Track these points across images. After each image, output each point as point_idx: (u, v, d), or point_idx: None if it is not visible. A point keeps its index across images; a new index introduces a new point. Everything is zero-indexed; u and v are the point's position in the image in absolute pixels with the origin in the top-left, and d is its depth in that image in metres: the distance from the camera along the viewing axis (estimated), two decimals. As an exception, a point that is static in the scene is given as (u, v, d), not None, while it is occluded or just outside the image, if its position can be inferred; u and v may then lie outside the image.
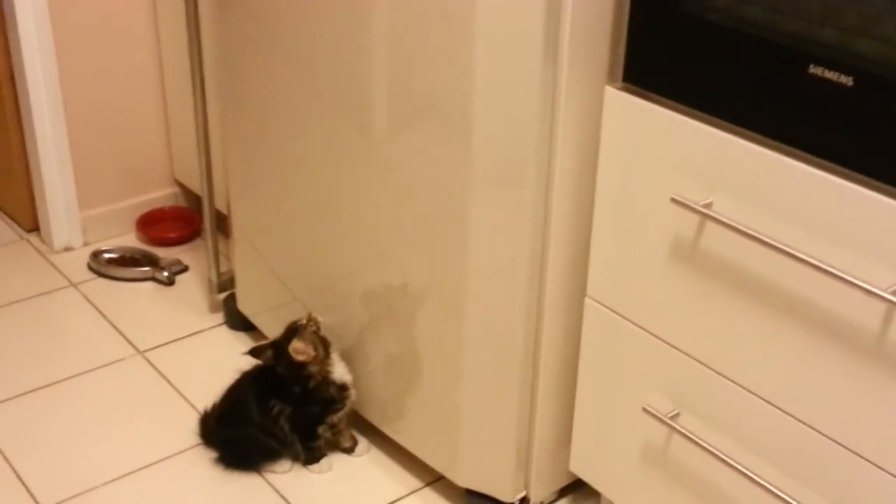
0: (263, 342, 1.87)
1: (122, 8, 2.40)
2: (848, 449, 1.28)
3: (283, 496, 1.82)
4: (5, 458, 1.89)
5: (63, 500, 1.80)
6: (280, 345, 1.81)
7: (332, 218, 1.80)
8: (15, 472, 1.86)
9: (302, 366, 1.79)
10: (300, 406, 1.82)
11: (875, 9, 1.13)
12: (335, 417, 1.85)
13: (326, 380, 1.81)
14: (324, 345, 1.82)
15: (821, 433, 1.31)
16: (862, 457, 1.27)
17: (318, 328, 1.81)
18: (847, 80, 1.16)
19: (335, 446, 1.90)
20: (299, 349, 1.77)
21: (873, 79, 1.14)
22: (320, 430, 1.85)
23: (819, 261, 1.22)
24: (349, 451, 1.91)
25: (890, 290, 1.17)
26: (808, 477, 1.34)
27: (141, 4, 2.43)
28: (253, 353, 1.84)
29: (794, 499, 1.35)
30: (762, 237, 1.27)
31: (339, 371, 1.83)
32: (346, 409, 1.85)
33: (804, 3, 1.19)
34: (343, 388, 1.83)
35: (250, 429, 1.84)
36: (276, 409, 1.82)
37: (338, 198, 1.77)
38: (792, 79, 1.21)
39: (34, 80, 2.34)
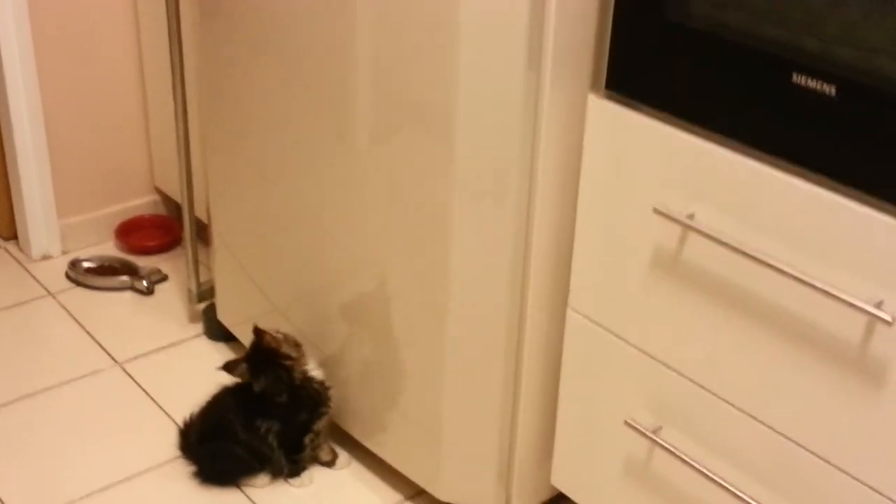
0: (237, 357, 1.86)
1: (103, 14, 2.40)
2: (830, 463, 1.28)
3: (261, 510, 1.82)
4: (-22, 470, 1.88)
5: (38, 514, 1.79)
6: (253, 356, 1.81)
7: (313, 227, 1.80)
8: (-13, 482, 1.85)
9: (280, 363, 1.78)
10: (288, 418, 1.81)
11: (855, 17, 1.13)
12: (320, 424, 1.84)
13: (307, 376, 1.81)
14: (294, 340, 1.83)
15: (804, 447, 1.31)
16: (844, 471, 1.27)
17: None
18: (830, 89, 1.16)
19: (314, 460, 1.89)
20: (270, 329, 1.79)
21: (857, 87, 1.14)
22: (307, 439, 1.84)
23: (802, 273, 1.22)
24: (329, 464, 1.90)
25: (872, 302, 1.17)
26: (791, 492, 1.34)
27: (122, 11, 2.43)
28: (227, 368, 1.83)
29: (777, 514, 1.35)
30: (745, 249, 1.27)
31: (315, 369, 1.83)
32: (330, 412, 1.84)
33: (785, 11, 1.19)
34: (324, 385, 1.82)
35: (233, 446, 1.83)
36: (264, 428, 1.81)
37: (319, 207, 1.76)
38: (775, 87, 1.21)
39: (13, 86, 2.33)
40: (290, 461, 1.85)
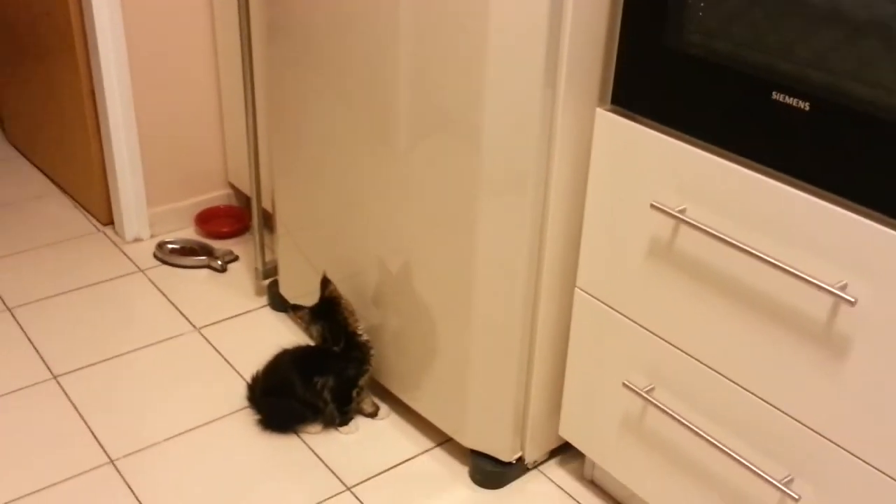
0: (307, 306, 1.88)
1: (187, 37, 2.40)
2: (799, 422, 1.28)
3: (315, 453, 1.82)
4: (81, 417, 1.89)
5: (129, 453, 1.80)
6: (317, 306, 1.83)
7: (361, 217, 1.79)
8: (89, 428, 1.86)
9: (339, 311, 1.80)
10: (339, 373, 1.81)
11: (825, 45, 1.12)
12: (364, 380, 1.85)
13: (356, 332, 1.81)
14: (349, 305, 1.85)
15: (776, 408, 1.30)
16: (811, 428, 1.26)
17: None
18: (804, 105, 1.15)
19: (359, 412, 1.90)
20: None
21: (826, 105, 1.13)
22: (354, 393, 1.84)
23: (777, 260, 1.21)
24: (372, 415, 1.90)
25: (837, 285, 1.16)
26: (764, 446, 1.33)
27: (203, 36, 2.43)
28: (294, 308, 1.88)
29: (751, 463, 1.34)
30: (729, 239, 1.26)
31: (363, 332, 1.84)
32: (371, 369, 1.84)
33: (765, 38, 1.18)
34: (368, 344, 1.83)
35: (291, 400, 1.84)
36: (321, 383, 1.81)
37: (366, 199, 1.76)
38: (757, 103, 1.20)
39: (111, 97, 2.34)
40: (340, 412, 1.85)
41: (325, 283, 1.83)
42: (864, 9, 1.08)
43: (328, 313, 1.82)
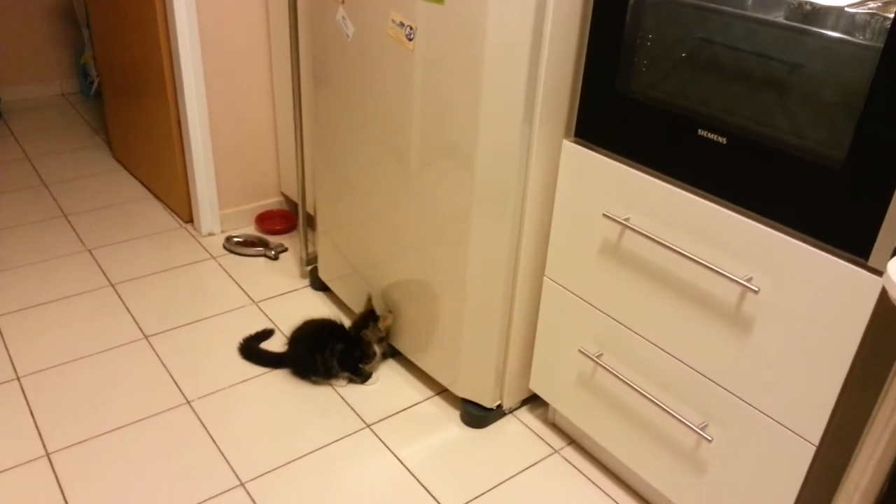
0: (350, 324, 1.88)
1: (251, 82, 2.39)
2: (711, 380, 1.27)
3: (343, 398, 1.81)
4: (165, 368, 1.88)
5: (202, 396, 1.79)
6: (360, 323, 1.84)
7: (383, 220, 1.78)
8: (172, 377, 1.85)
9: (365, 321, 1.83)
10: (347, 348, 1.81)
11: (733, 97, 1.11)
12: (367, 365, 1.84)
13: (366, 341, 1.82)
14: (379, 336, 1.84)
15: (696, 370, 1.29)
16: (722, 386, 1.26)
17: (371, 304, 1.84)
18: (722, 140, 1.14)
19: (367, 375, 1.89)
20: (388, 316, 1.83)
21: (739, 139, 1.12)
22: (361, 367, 1.83)
23: (700, 258, 1.20)
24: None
25: (745, 278, 1.15)
26: (684, 397, 1.33)
27: (263, 82, 2.42)
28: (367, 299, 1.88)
29: (676, 412, 1.33)
30: (663, 241, 1.25)
31: (377, 346, 1.84)
32: (371, 362, 1.84)
33: (691, 90, 1.17)
34: (372, 350, 1.83)
35: (313, 354, 1.82)
36: (337, 348, 1.81)
37: (387, 207, 1.75)
38: (687, 137, 1.19)
39: (193, 124, 2.32)
40: (359, 375, 1.84)
41: (368, 300, 1.84)
42: (761, 70, 1.07)
43: (364, 319, 1.84)
